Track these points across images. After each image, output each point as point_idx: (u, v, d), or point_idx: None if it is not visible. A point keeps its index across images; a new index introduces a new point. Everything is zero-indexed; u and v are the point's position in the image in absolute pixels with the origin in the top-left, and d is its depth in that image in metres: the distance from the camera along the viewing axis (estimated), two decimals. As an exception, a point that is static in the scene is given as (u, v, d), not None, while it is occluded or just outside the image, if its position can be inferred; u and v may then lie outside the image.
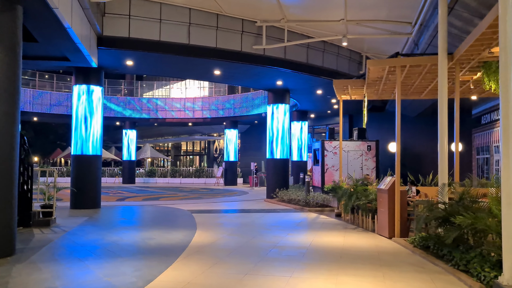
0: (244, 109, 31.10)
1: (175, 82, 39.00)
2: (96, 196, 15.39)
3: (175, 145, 50.25)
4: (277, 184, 18.82)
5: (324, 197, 15.77)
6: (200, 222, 11.75)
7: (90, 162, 15.26)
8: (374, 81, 11.34)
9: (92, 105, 15.21)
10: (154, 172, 36.25)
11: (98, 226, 10.92)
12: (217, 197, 21.15)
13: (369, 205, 10.77)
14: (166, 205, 16.69)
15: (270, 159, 19.49)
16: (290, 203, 16.70)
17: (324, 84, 17.85)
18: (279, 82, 17.55)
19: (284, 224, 11.84)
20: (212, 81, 19.90)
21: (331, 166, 21.38)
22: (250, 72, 16.11)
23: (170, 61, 14.60)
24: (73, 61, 12.32)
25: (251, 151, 35.92)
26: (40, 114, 30.49)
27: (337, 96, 14.18)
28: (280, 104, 19.31)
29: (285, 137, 19.35)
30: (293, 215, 13.80)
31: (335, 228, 11.02)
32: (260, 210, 15.32)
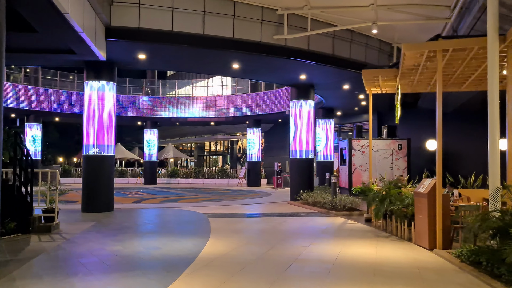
0: (267, 107, 29.97)
1: (198, 80, 38.23)
2: (108, 198, 14.53)
3: (198, 145, 49.53)
4: (301, 186, 17.62)
5: (352, 199, 14.49)
6: (215, 228, 10.69)
7: (102, 163, 14.42)
8: (409, 70, 10.03)
9: (104, 103, 14.36)
10: (176, 173, 35.50)
11: (103, 233, 9.98)
12: (238, 199, 20.09)
13: (404, 210, 9.49)
14: (183, 208, 15.72)
15: (293, 159, 18.30)
16: (315, 206, 15.48)
17: (351, 78, 16.56)
18: (303, 76, 16.34)
19: (307, 231, 10.66)
20: (231, 76, 18.84)
21: (359, 166, 20.10)
22: (271, 65, 14.97)
23: (184, 54, 13.61)
24: (79, 54, 11.46)
25: (275, 150, 34.76)
26: (62, 114, 30.06)
27: (366, 89, 12.89)
28: (304, 100, 18.09)
29: (310, 136, 18.12)
30: (318, 220, 12.59)
31: (365, 236, 9.78)
32: (282, 214, 14.17)
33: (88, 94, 14.42)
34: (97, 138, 14.31)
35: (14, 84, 27.83)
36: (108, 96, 14.46)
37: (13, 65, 16.95)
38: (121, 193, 23.49)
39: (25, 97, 28.12)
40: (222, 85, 35.47)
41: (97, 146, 14.30)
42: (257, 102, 30.75)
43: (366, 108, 24.59)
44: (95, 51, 11.26)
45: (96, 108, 14.30)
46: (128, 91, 33.22)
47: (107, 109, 14.44)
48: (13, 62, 14.02)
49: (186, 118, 32.63)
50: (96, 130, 14.29)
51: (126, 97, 31.91)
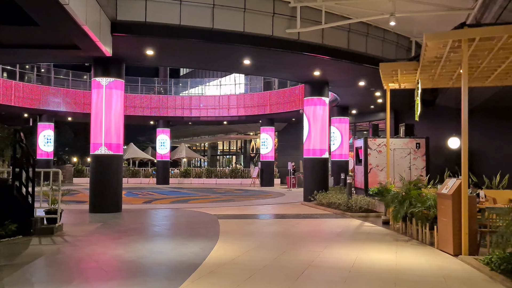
0: (281, 106, 29.40)
1: (210, 79, 37.87)
2: (116, 199, 14.13)
3: (212, 144, 49.17)
4: (315, 186, 17.02)
5: (368, 200, 13.87)
6: (225, 231, 10.18)
7: (110, 162, 14.03)
8: (431, 63, 9.39)
9: (111, 100, 13.97)
10: (189, 173, 35.12)
11: (107, 235, 9.55)
12: (250, 200, 19.57)
13: (425, 212, 8.86)
14: (194, 208, 15.26)
15: (307, 159, 17.70)
16: (330, 207, 14.89)
17: (367, 74, 15.90)
18: (317, 72, 15.74)
19: (321, 234, 10.09)
20: (242, 72, 18.35)
21: (375, 166, 19.45)
22: (283, 61, 14.41)
23: (193, 50, 13.14)
24: (84, 50, 11.05)
25: (288, 150, 34.16)
26: (74, 114, 29.85)
27: (384, 84, 12.26)
28: (318, 98, 17.48)
29: (324, 135, 17.52)
30: (333, 222, 12.00)
31: (384, 240, 9.17)
32: (296, 215, 13.60)
33: (95, 91, 14.05)
34: (105, 136, 13.93)
35: (27, 84, 27.74)
36: (116, 94, 14.07)
37: (21, 62, 16.68)
38: (132, 193, 23.17)
39: (37, 97, 28.00)
40: (235, 84, 34.99)
41: (105, 145, 13.92)
42: (270, 100, 30.20)
43: (382, 106, 23.86)
44: (100, 47, 10.84)
45: (104, 106, 13.92)
46: (140, 90, 32.97)
47: (115, 107, 14.05)
48: (20, 59, 13.72)
49: (198, 117, 32.25)
50: (104, 129, 13.91)
51: (138, 96, 31.66)
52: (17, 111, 27.63)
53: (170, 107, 31.79)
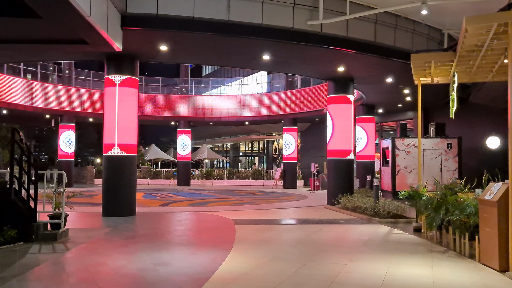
0: (304, 105, 28.49)
1: (232, 78, 37.23)
2: (130, 202, 13.51)
3: (234, 145, 48.53)
4: (340, 189, 16.07)
5: (397, 205, 12.85)
6: (240, 238, 9.39)
7: (123, 164, 13.42)
8: (469, 52, 8.37)
9: (125, 99, 13.36)
10: (210, 174, 34.49)
11: (113, 242, 8.88)
12: (272, 203, 18.73)
13: (464, 220, 7.87)
14: (211, 212, 14.53)
15: (330, 160, 16.75)
16: (355, 211, 13.93)
17: (395, 69, 14.88)
18: (341, 68, 14.79)
19: (346, 243, 9.17)
20: (262, 69, 17.48)
21: (404, 168, 18.41)
22: (304, 56, 13.52)
23: (208, 45, 12.39)
24: (92, 44, 10.43)
25: (312, 150, 33.16)
26: (95, 115, 29.56)
27: (415, 78, 11.25)
28: (342, 96, 16.52)
29: (349, 134, 16.54)
30: (359, 229, 11.06)
31: (417, 251, 8.20)
32: (318, 220, 12.70)
33: (108, 89, 13.48)
34: (118, 137, 13.33)
35: (48, 84, 27.62)
36: (129, 92, 13.46)
37: (32, 60, 16.28)
38: (151, 194, 22.66)
39: (58, 98, 27.86)
40: (257, 83, 34.23)
41: (118, 146, 13.31)
42: (293, 100, 29.32)
43: (411, 105, 22.69)
44: (108, 41, 10.19)
45: (117, 105, 13.32)
46: (161, 90, 32.55)
47: (129, 105, 13.44)
48: (30, 56, 13.25)
49: (219, 118, 31.61)
50: (117, 129, 13.32)
51: (159, 97, 31.25)
52: (39, 112, 27.50)
53: (191, 108, 31.26)
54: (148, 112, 30.80)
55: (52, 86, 27.85)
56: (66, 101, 28.14)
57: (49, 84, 27.82)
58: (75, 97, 28.57)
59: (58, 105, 27.75)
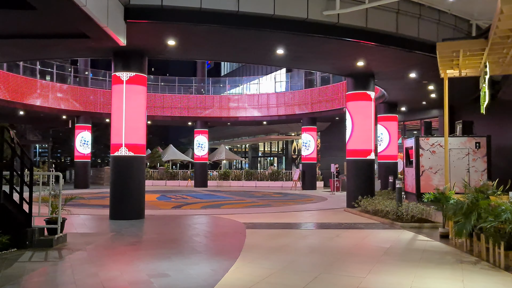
0: (323, 104, 27.59)
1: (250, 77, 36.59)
2: (139, 204, 12.93)
3: (252, 146, 47.85)
4: (360, 190, 15.18)
5: (422, 208, 11.90)
6: (250, 245, 8.66)
7: (131, 165, 12.85)
8: (504, 39, 7.45)
9: (133, 97, 12.80)
10: (228, 175, 33.85)
11: (112, 249, 8.27)
12: (289, 205, 17.95)
13: (498, 226, 6.96)
14: (223, 215, 13.84)
15: (350, 160, 15.88)
16: (376, 215, 13.05)
17: (419, 63, 13.95)
18: (360, 62, 13.92)
19: (365, 251, 8.34)
20: (276, 64, 16.74)
21: (428, 168, 17.46)
22: (320, 49, 12.71)
23: (218, 39, 11.71)
24: (94, 38, 9.86)
25: (332, 151, 32.20)
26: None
27: (441, 71, 10.33)
28: (362, 92, 15.63)
29: (370, 133, 15.64)
30: (380, 235, 10.20)
31: (445, 261, 7.33)
32: (336, 225, 11.87)
33: (115, 87, 12.94)
34: (125, 136, 12.76)
35: (64, 85, 27.44)
36: (138, 89, 12.89)
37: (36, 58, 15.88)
38: (166, 196, 22.16)
39: (74, 98, 27.66)
40: (275, 82, 33.47)
41: (126, 146, 12.75)
42: (312, 98, 28.45)
43: (436, 102, 21.60)
44: (110, 34, 9.60)
45: (124, 103, 12.76)
46: (178, 90, 32.11)
47: (137, 104, 12.86)
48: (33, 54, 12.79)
49: (237, 118, 30.97)
50: (124, 128, 12.75)
51: (175, 97, 30.80)
52: (55, 112, 27.33)
53: (207, 107, 30.72)
54: (164, 112, 30.37)
55: (68, 87, 27.67)
56: (82, 102, 27.92)
57: (65, 85, 27.64)
58: (92, 97, 28.32)
59: (74, 106, 27.54)
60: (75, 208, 15.75)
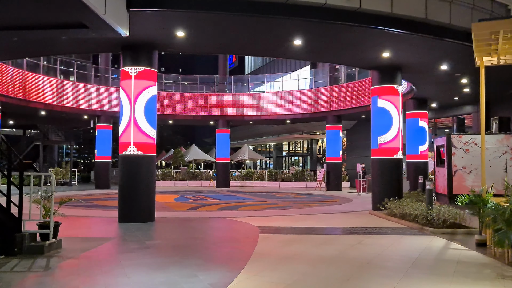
0: (348, 102, 26.43)
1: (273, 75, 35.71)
2: (149, 206, 12.24)
3: (277, 145, 46.89)
4: (386, 192, 14.07)
5: (455, 212, 10.76)
6: (260, 253, 7.79)
7: (140, 164, 12.17)
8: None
9: (141, 92, 12.10)
10: (251, 175, 33.02)
11: (107, 258, 7.53)
12: (311, 207, 16.98)
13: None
14: (239, 218, 13.00)
15: (375, 159, 14.79)
16: (404, 219, 11.96)
17: (451, 53, 12.78)
18: (386, 53, 12.84)
19: (390, 262, 7.33)
20: (292, 57, 15.77)
21: (461, 168, 16.21)
22: (341, 39, 11.70)
23: (229, 28, 10.89)
24: (93, 28, 9.16)
25: (358, 150, 30.97)
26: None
27: (477, 58, 9.20)
28: (388, 86, 14.52)
29: (397, 131, 14.51)
30: (407, 242, 9.15)
31: (483, 276, 6.28)
32: (360, 229, 10.87)
33: (124, 83, 12.29)
34: (134, 135, 12.09)
35: (84, 85, 27.18)
36: (147, 85, 12.19)
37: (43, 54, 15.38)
38: (185, 197, 21.53)
39: (95, 98, 27.38)
40: (298, 79, 32.46)
41: (134, 145, 12.07)
42: (337, 96, 27.32)
43: (469, 97, 20.25)
44: (109, 24, 8.87)
45: (133, 99, 12.09)
46: (199, 89, 31.51)
47: (146, 100, 12.16)
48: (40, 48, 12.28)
49: (259, 116, 30.11)
50: (133, 125, 12.08)
51: (197, 95, 30.21)
52: (75, 112, 27.10)
53: (229, 106, 29.98)
54: (186, 111, 29.80)
55: (88, 86, 27.39)
56: (103, 101, 27.59)
57: (86, 84, 27.38)
58: (112, 97, 27.97)
59: (95, 105, 27.26)
60: (88, 210, 15.27)
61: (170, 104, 29.63)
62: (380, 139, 14.54)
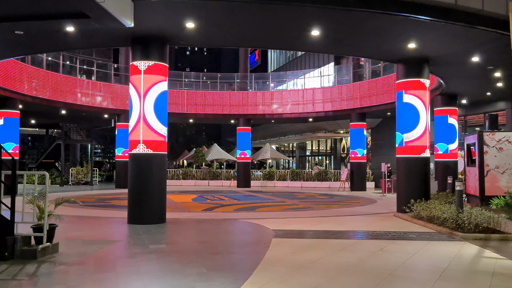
0: (373, 99, 25.41)
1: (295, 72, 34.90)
2: (159, 207, 11.70)
3: (300, 144, 46.01)
4: (412, 193, 13.14)
5: (488, 215, 9.80)
6: (269, 260, 7.08)
7: (150, 163, 11.64)
8: None
9: (151, 88, 11.56)
10: (272, 175, 32.29)
11: (103, 263, 6.96)
12: (332, 208, 16.16)
13: None
14: (255, 219, 12.32)
15: (401, 158, 13.86)
16: (431, 222, 11.06)
17: (483, 43, 11.77)
18: (411, 44, 11.93)
19: (415, 273, 6.50)
20: (310, 49, 14.89)
21: (495, 167, 15.21)
22: (363, 28, 10.84)
23: (242, 18, 10.20)
24: (96, 19, 8.62)
25: (383, 149, 29.88)
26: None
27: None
28: (415, 80, 13.58)
29: (424, 128, 13.55)
30: (435, 249, 8.28)
31: (524, 293, 5.42)
32: (383, 234, 10.04)
33: (133, 78, 11.78)
34: (143, 132, 11.55)
35: (104, 83, 27.02)
36: (157, 80, 11.64)
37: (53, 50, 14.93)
38: (203, 197, 20.99)
39: (115, 96, 27.18)
40: (321, 76, 31.57)
41: (144, 143, 11.53)
42: (361, 92, 26.33)
43: (502, 92, 19.04)
44: (112, 13, 8.30)
45: (142, 95, 11.56)
46: (220, 87, 30.98)
47: (156, 96, 11.61)
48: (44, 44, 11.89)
49: (281, 115, 29.37)
50: (142, 122, 11.55)
51: (217, 94, 29.68)
52: (95, 111, 26.94)
53: (250, 104, 29.33)
54: (206, 110, 29.31)
55: (108, 85, 27.21)
56: (123, 100, 27.35)
57: (106, 83, 27.21)
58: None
59: (115, 104, 27.05)
60: (101, 210, 14.87)
61: (190, 102, 29.20)
62: (406, 136, 13.62)
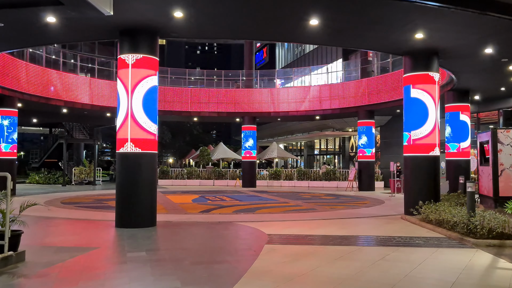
0: (382, 96, 24.51)
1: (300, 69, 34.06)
2: (149, 210, 10.99)
3: (308, 143, 45.13)
4: (420, 194, 12.29)
5: (503, 219, 8.92)
6: (256, 271, 6.33)
7: (138, 163, 10.94)
8: None
9: (139, 83, 10.87)
10: (279, 174, 31.50)
11: (73, 273, 6.25)
12: (337, 209, 15.35)
13: None
14: (252, 222, 11.59)
15: (408, 157, 12.99)
16: (440, 226, 10.21)
17: (496, 32, 10.89)
18: (419, 35, 11.06)
19: (422, 285, 5.69)
20: (309, 41, 14.05)
21: (509, 167, 14.41)
22: (366, 17, 10.01)
23: (234, 6, 9.44)
24: (68, 5, 7.90)
25: (392, 148, 28.92)
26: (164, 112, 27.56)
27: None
28: (423, 74, 12.71)
29: (433, 125, 12.69)
30: (444, 258, 7.45)
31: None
32: (387, 239, 9.22)
33: (120, 72, 11.09)
34: (131, 130, 10.85)
35: (105, 81, 26.46)
36: (146, 74, 10.95)
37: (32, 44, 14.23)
38: (204, 197, 20.32)
39: (116, 95, 26.57)
40: (328, 73, 30.70)
41: (132, 141, 10.84)
42: (369, 89, 25.43)
43: (518, 87, 18.02)
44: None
45: (130, 90, 10.88)
46: (224, 84, 30.27)
47: (144, 91, 10.92)
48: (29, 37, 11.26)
49: (287, 112, 28.56)
50: (130, 120, 10.86)
51: (221, 91, 28.97)
52: (97, 109, 26.38)
53: (255, 102, 28.58)
54: (210, 108, 28.60)
55: (109, 83, 26.64)
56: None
57: (106, 81, 26.64)
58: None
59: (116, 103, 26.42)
60: (93, 211, 14.21)
61: (194, 100, 28.52)
62: (414, 134, 12.76)
